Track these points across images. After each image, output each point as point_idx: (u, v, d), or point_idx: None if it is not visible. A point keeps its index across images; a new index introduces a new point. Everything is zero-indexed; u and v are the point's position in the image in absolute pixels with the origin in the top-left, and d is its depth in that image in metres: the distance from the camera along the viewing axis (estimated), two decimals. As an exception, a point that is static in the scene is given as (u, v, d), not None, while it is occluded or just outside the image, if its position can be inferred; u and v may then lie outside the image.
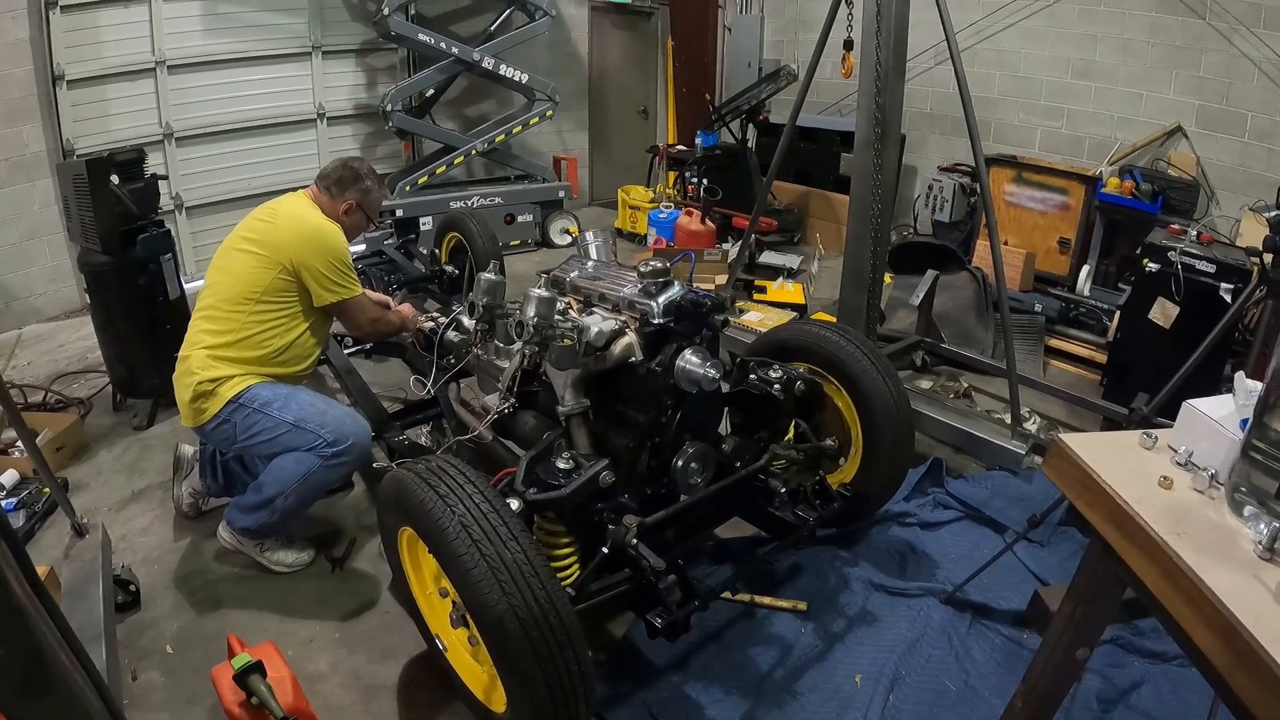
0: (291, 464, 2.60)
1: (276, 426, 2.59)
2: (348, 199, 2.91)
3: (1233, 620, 1.01)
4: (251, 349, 2.68)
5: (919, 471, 3.27)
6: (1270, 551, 1.11)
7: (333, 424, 2.62)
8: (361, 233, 3.09)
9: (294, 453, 2.60)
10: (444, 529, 1.73)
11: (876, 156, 3.19)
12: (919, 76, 6.31)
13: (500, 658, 1.73)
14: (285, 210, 2.82)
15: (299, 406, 2.63)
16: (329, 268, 2.73)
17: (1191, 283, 3.68)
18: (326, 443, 2.59)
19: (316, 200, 2.92)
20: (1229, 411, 1.31)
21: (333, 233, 2.79)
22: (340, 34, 6.26)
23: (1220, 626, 1.03)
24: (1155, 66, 5.37)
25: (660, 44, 8.17)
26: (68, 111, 5.16)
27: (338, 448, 2.60)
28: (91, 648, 2.12)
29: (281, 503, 2.64)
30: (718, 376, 2.20)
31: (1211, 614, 1.05)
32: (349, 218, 2.94)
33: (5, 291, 5.19)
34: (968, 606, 2.61)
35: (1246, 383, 1.31)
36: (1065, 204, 5.26)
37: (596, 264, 2.72)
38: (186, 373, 2.67)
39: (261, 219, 2.80)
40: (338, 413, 2.70)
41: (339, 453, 2.61)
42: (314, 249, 2.71)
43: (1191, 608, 1.09)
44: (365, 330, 3.00)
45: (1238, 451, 1.22)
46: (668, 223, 6.27)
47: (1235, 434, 1.26)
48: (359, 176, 2.95)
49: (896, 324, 4.67)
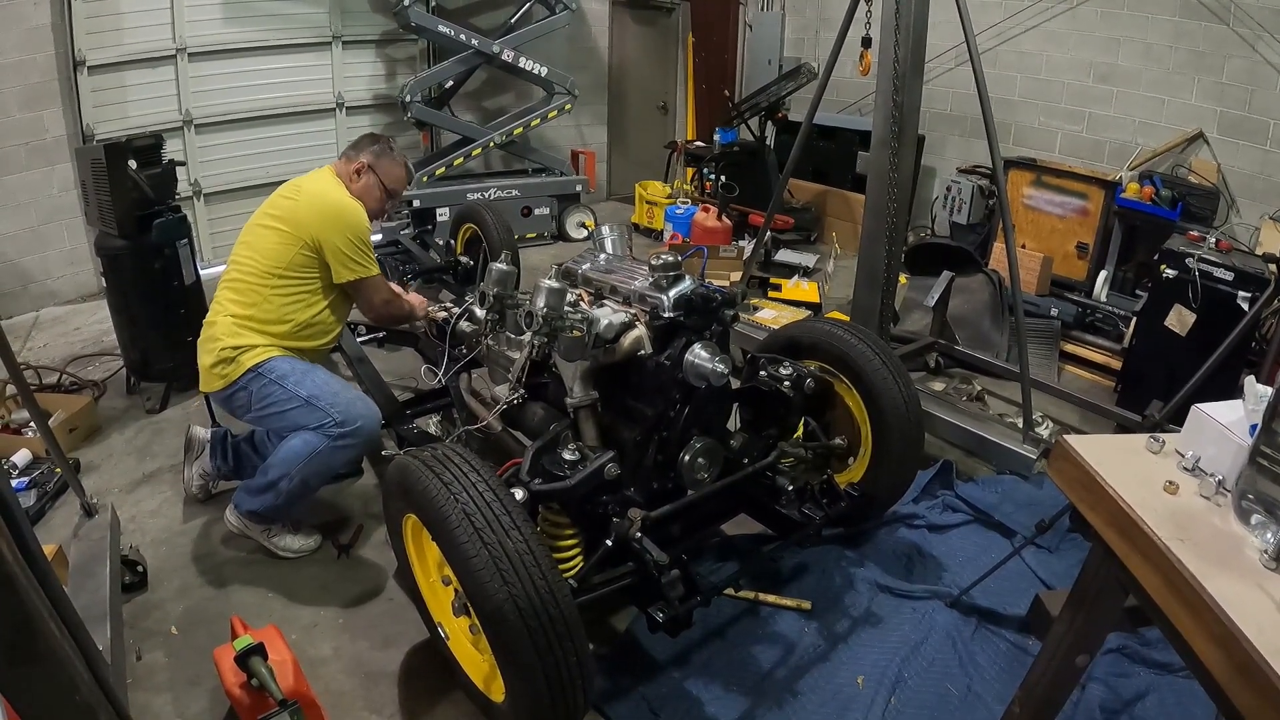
0: (299, 444, 2.62)
1: (290, 399, 2.62)
2: (360, 160, 2.91)
3: (1234, 630, 0.98)
4: (274, 323, 2.72)
5: (929, 474, 3.24)
6: (1276, 561, 1.09)
7: (344, 405, 2.64)
8: (379, 204, 3.00)
9: (302, 433, 2.61)
10: (447, 516, 1.73)
11: (893, 155, 3.16)
12: (939, 77, 6.27)
13: (499, 647, 1.72)
14: (309, 187, 2.83)
15: (314, 383, 2.66)
16: (348, 245, 2.74)
17: (1209, 290, 3.63)
18: (335, 422, 2.61)
19: (339, 172, 2.93)
20: (1238, 417, 1.28)
21: (354, 210, 2.79)
22: (360, 24, 6.28)
23: (1221, 636, 1.01)
24: (1177, 72, 5.30)
25: (681, 40, 8.15)
26: (88, 97, 5.19)
27: (346, 428, 2.62)
28: (96, 627, 2.14)
29: (286, 485, 2.65)
30: (726, 371, 2.19)
31: (1212, 623, 1.02)
32: (360, 179, 2.91)
33: (23, 274, 5.24)
34: (973, 611, 2.59)
35: (1257, 388, 1.28)
36: (1084, 208, 5.20)
37: (609, 257, 2.71)
38: (211, 338, 2.72)
39: (286, 195, 2.83)
40: (350, 395, 2.72)
41: (346, 434, 2.62)
42: (335, 226, 2.73)
43: (1192, 616, 1.07)
44: (378, 312, 2.96)
45: (1246, 458, 1.19)
46: (684, 219, 6.25)
47: (1244, 440, 1.23)
48: (375, 140, 2.97)
49: (911, 325, 4.64)
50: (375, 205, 2.96)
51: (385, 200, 3.01)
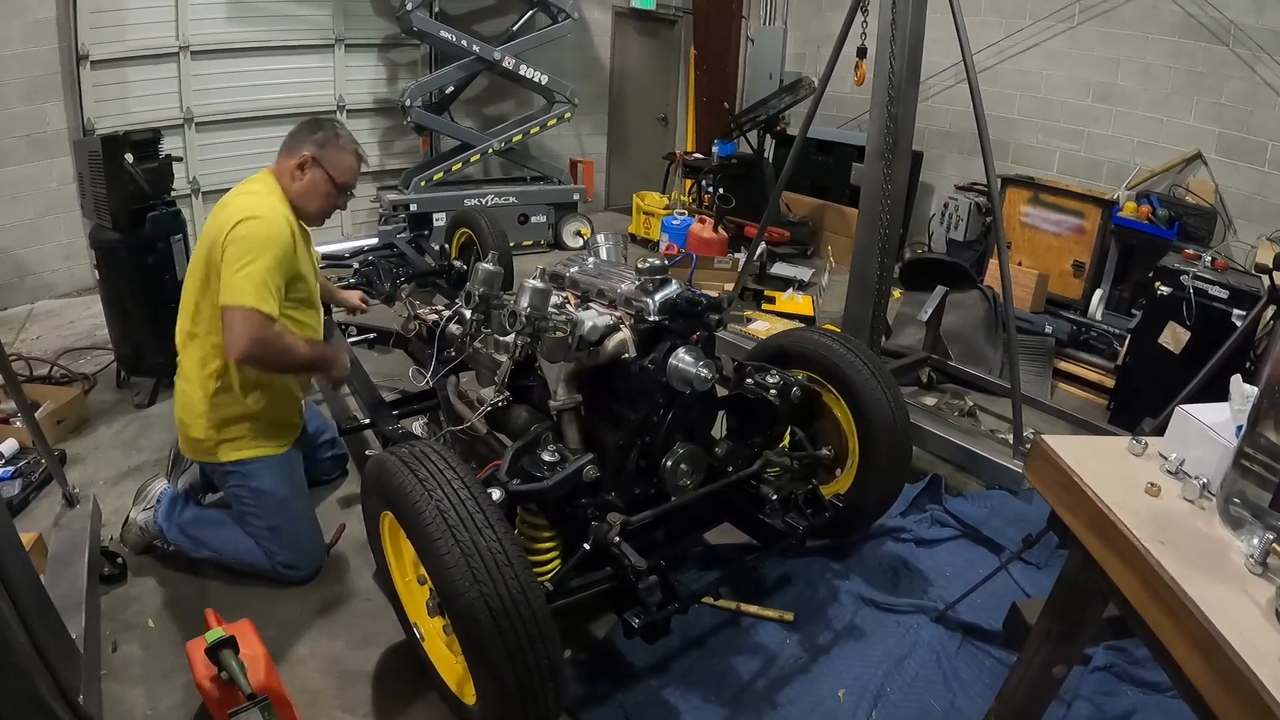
0: (244, 548, 2.63)
1: (257, 517, 2.60)
2: (303, 152, 2.52)
3: (1215, 635, 0.95)
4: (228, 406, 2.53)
5: (917, 487, 3.22)
6: (1262, 565, 1.06)
7: (300, 547, 2.66)
8: (327, 202, 2.62)
9: (252, 543, 2.62)
10: (421, 512, 1.71)
11: (887, 167, 3.16)
12: (938, 94, 6.29)
13: (469, 647, 1.70)
14: (227, 199, 2.49)
15: (284, 516, 2.62)
16: (234, 254, 2.29)
17: (1204, 308, 3.63)
18: (284, 562, 2.63)
19: (278, 171, 2.57)
20: (1224, 419, 1.25)
21: (266, 219, 2.36)
22: (363, 28, 6.31)
23: (1201, 641, 0.98)
24: (1176, 92, 5.32)
25: (683, 52, 8.18)
26: (90, 92, 5.20)
27: (292, 569, 2.65)
28: (71, 616, 2.15)
29: (206, 554, 2.68)
30: (710, 377, 2.18)
31: (1194, 628, 0.99)
32: (305, 175, 2.52)
33: (19, 266, 5.24)
34: (958, 626, 2.56)
35: (1244, 388, 1.26)
36: (1080, 227, 5.20)
37: (598, 261, 2.70)
38: (182, 406, 2.60)
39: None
40: (308, 535, 2.71)
41: (291, 569, 2.65)
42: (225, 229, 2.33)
43: (1172, 621, 1.03)
44: (245, 350, 2.30)
45: (1231, 460, 1.16)
46: (680, 230, 6.25)
47: (1229, 441, 1.20)
48: (318, 126, 2.58)
49: (905, 340, 4.62)
50: (322, 204, 2.60)
51: (335, 196, 2.62)
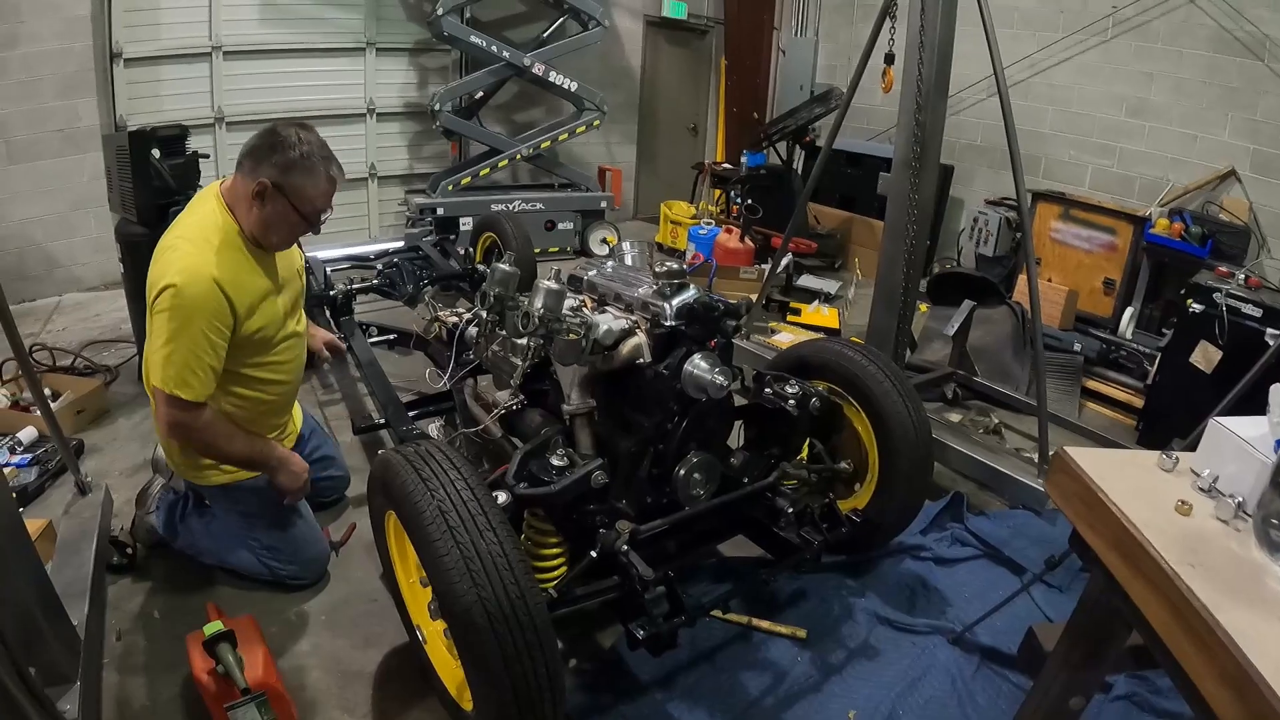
0: (249, 562, 2.59)
1: (252, 538, 2.55)
2: (259, 177, 2.15)
3: (1250, 670, 0.87)
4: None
5: (939, 505, 3.14)
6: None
7: (303, 560, 2.60)
8: (291, 234, 2.32)
9: (253, 557, 2.57)
10: (421, 512, 1.68)
11: (914, 176, 3.09)
12: (970, 108, 6.21)
13: (466, 652, 1.66)
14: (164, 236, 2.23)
15: (281, 536, 2.56)
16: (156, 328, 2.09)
17: (1236, 326, 3.51)
18: (288, 575, 2.60)
19: (230, 195, 2.23)
20: (1261, 432, 1.15)
21: (181, 286, 2.04)
22: (395, 32, 6.36)
23: (1234, 677, 0.89)
24: (1210, 108, 5.20)
25: (714, 62, 8.16)
26: (123, 89, 5.29)
27: (296, 579, 2.61)
28: (74, 603, 2.16)
29: (210, 560, 2.64)
30: (725, 384, 2.13)
31: (1225, 661, 0.90)
32: (261, 207, 2.18)
33: (49, 259, 5.33)
34: (976, 649, 2.47)
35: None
36: (1112, 244, 5.09)
37: (616, 265, 2.67)
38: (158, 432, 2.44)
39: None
40: (309, 550, 2.62)
41: (293, 579, 2.61)
42: (150, 294, 2.10)
43: (1201, 653, 0.95)
44: (166, 435, 2.25)
45: (1270, 477, 1.07)
46: (707, 239, 6.20)
47: (1268, 456, 1.11)
48: (277, 146, 2.15)
49: (931, 355, 4.54)
50: (286, 235, 2.31)
51: (302, 226, 2.28)
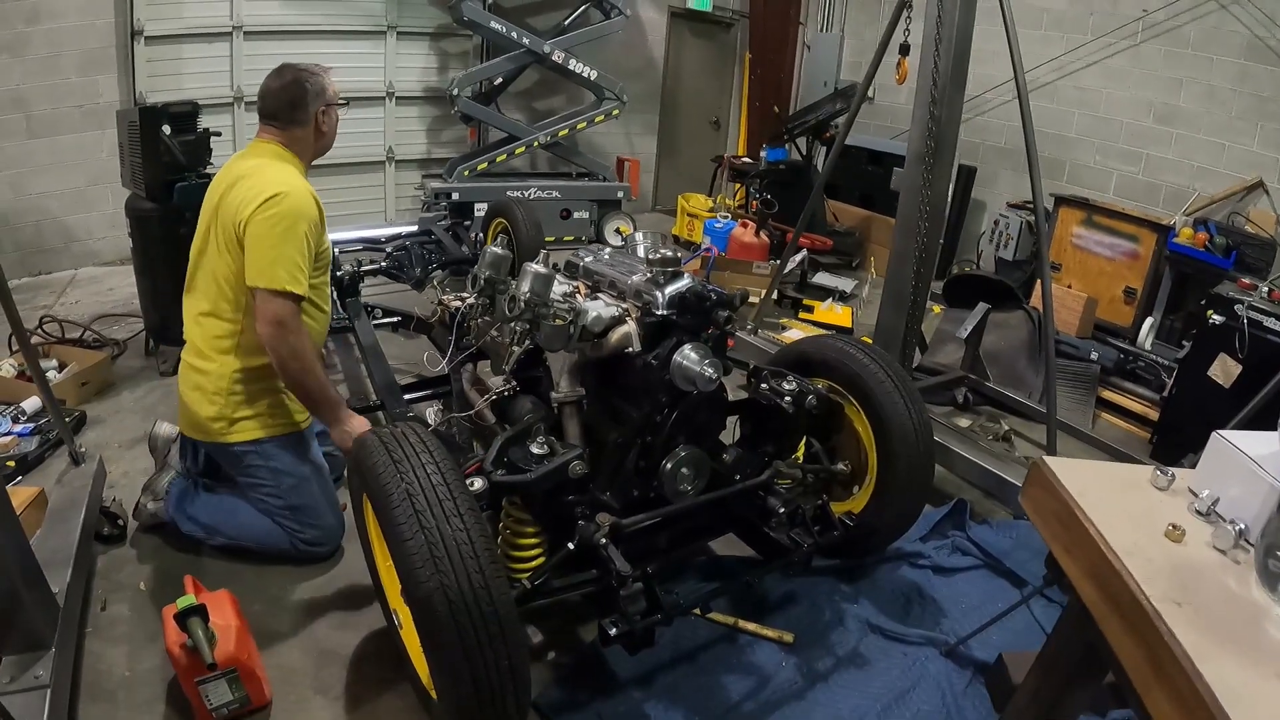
0: (262, 529, 2.58)
1: (276, 498, 2.54)
2: (313, 110, 2.49)
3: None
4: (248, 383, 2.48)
5: (940, 512, 3.06)
6: None
7: (325, 527, 2.61)
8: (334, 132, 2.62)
9: (270, 523, 2.57)
10: (390, 494, 1.64)
11: (927, 171, 3.00)
12: (994, 109, 6.10)
13: (427, 640, 1.62)
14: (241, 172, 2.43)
15: (304, 493, 2.57)
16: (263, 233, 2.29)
17: (1257, 340, 3.39)
18: (307, 541, 2.59)
19: (283, 143, 2.50)
20: (1271, 450, 1.01)
21: (288, 193, 2.33)
22: (416, 16, 6.34)
23: None
24: (1240, 117, 5.07)
25: (738, 56, 8.08)
26: (143, 66, 5.32)
27: (315, 545, 2.61)
28: (58, 570, 2.16)
29: (221, 540, 2.63)
30: (715, 376, 2.06)
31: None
32: (328, 124, 2.55)
33: (66, 232, 5.37)
34: (969, 662, 2.38)
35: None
36: (1134, 252, 4.97)
37: (614, 252, 2.61)
38: (192, 385, 2.50)
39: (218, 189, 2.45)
40: (330, 515, 2.64)
41: (312, 545, 2.61)
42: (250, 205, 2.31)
43: (1178, 710, 0.80)
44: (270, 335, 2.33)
45: (1277, 501, 0.94)
46: (723, 233, 6.13)
47: (1278, 480, 0.97)
48: (300, 82, 2.46)
49: (943, 358, 4.44)
50: (336, 132, 2.64)
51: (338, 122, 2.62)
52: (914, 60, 3.24)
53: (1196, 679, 0.78)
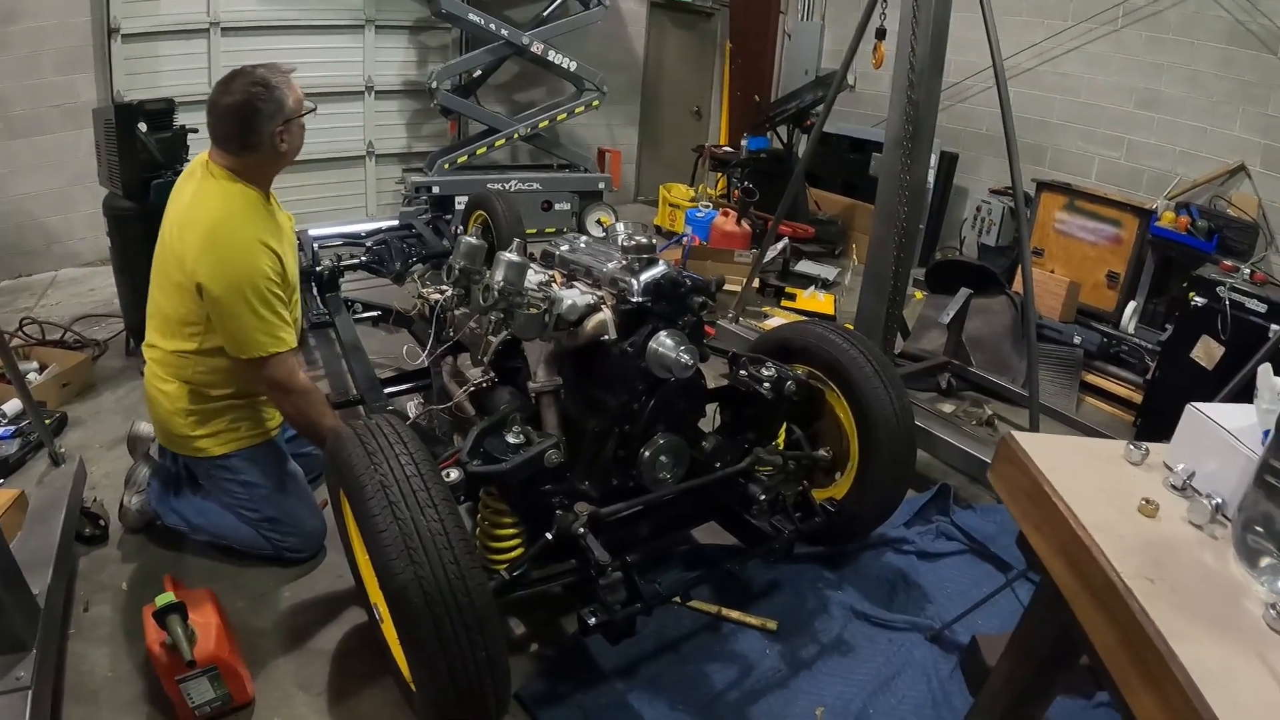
0: (248, 538, 2.54)
1: (252, 510, 2.51)
2: (272, 130, 2.23)
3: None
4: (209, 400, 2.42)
5: (924, 497, 3.06)
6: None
7: (301, 534, 2.57)
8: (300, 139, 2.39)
9: (252, 531, 2.53)
10: (363, 486, 1.62)
11: (906, 156, 2.99)
12: (976, 96, 6.09)
13: (403, 633, 1.60)
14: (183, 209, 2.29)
15: (281, 505, 2.53)
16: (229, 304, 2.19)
17: (1240, 322, 3.40)
18: (289, 548, 2.56)
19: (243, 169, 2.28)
20: (1248, 423, 0.99)
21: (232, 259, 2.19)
22: (394, 9, 6.27)
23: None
24: (1222, 101, 5.07)
25: (719, 46, 8.05)
26: (120, 64, 5.23)
27: (296, 552, 2.58)
28: (38, 571, 2.14)
29: (205, 537, 2.60)
30: (691, 363, 2.06)
31: (1181, 707, 0.72)
32: (290, 142, 2.30)
33: (47, 233, 5.30)
34: (955, 648, 2.38)
35: (1274, 381, 0.99)
36: (1117, 236, 4.98)
37: (591, 241, 2.59)
38: (157, 404, 2.45)
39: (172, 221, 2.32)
40: (308, 521, 2.60)
41: (294, 551, 2.58)
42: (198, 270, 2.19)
43: (1152, 692, 0.76)
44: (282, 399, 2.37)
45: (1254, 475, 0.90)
46: (704, 222, 6.12)
47: (1255, 451, 0.94)
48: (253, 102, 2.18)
49: (926, 344, 4.44)
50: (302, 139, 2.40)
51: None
52: (891, 46, 3.24)
53: (1171, 659, 0.74)
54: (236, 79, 2.23)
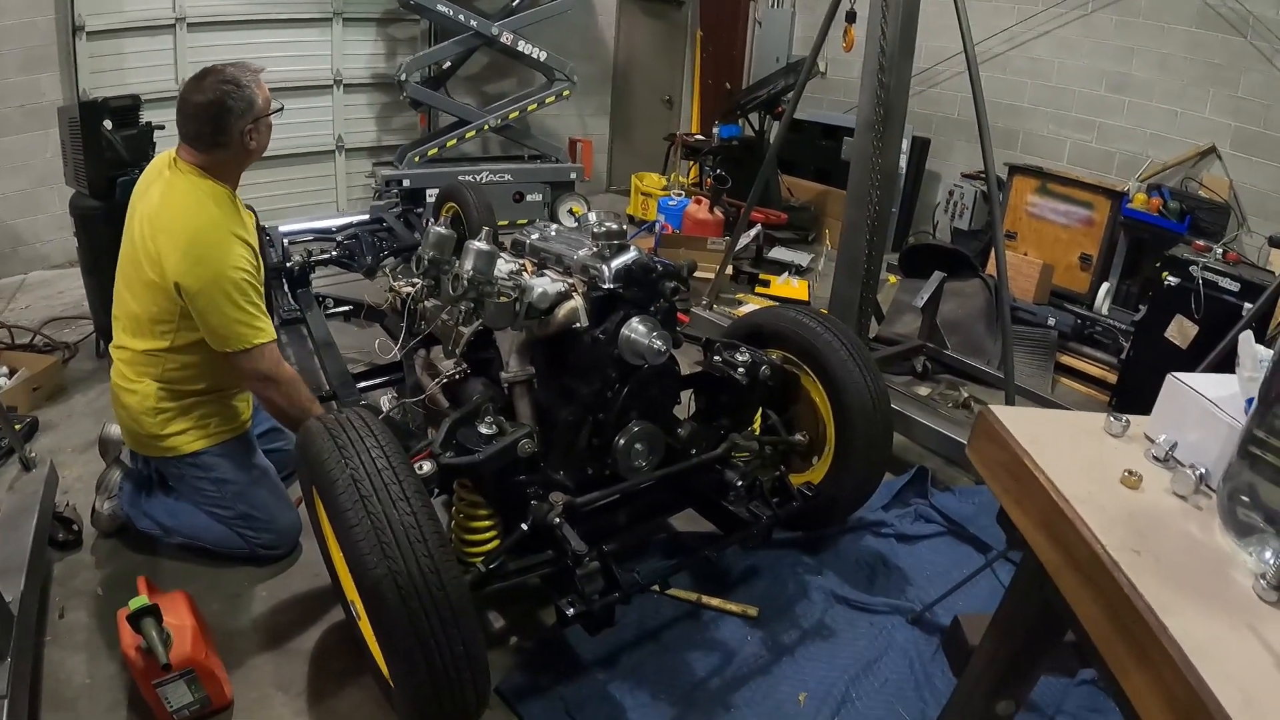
0: (222, 537, 2.51)
1: (226, 508, 2.48)
2: (241, 128, 2.26)
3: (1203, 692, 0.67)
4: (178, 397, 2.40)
5: (902, 480, 3.08)
6: (1277, 590, 0.79)
7: (280, 528, 2.55)
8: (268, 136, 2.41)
9: (226, 530, 2.50)
10: (334, 480, 1.60)
11: (878, 139, 2.99)
12: (948, 81, 6.11)
13: (380, 629, 1.59)
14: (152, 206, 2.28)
15: (255, 501, 2.50)
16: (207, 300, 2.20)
17: (1213, 301, 3.45)
18: (264, 545, 2.54)
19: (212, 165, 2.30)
20: (1230, 391, 0.99)
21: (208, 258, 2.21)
22: (362, 1, 6.18)
23: (1184, 703, 0.69)
24: (1192, 84, 5.11)
25: (689, 34, 8.02)
26: (86, 63, 5.13)
27: (271, 549, 2.56)
28: (10, 579, 2.11)
29: (179, 540, 2.56)
30: (664, 349, 2.04)
31: (1173, 681, 0.70)
32: (257, 141, 2.32)
33: (13, 236, 5.19)
34: (936, 629, 2.40)
35: (1255, 348, 0.98)
36: (1089, 218, 5.02)
37: (561, 229, 2.57)
38: (124, 407, 2.43)
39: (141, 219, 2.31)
40: (283, 517, 2.57)
41: (269, 548, 2.56)
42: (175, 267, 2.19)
43: (1142, 667, 0.75)
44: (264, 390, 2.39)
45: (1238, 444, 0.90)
46: (676, 210, 6.11)
47: (1237, 420, 0.94)
48: (224, 100, 2.20)
49: (900, 328, 4.46)
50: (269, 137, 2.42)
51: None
52: (861, 31, 3.23)
53: (1161, 633, 0.73)
54: (207, 77, 2.25)
